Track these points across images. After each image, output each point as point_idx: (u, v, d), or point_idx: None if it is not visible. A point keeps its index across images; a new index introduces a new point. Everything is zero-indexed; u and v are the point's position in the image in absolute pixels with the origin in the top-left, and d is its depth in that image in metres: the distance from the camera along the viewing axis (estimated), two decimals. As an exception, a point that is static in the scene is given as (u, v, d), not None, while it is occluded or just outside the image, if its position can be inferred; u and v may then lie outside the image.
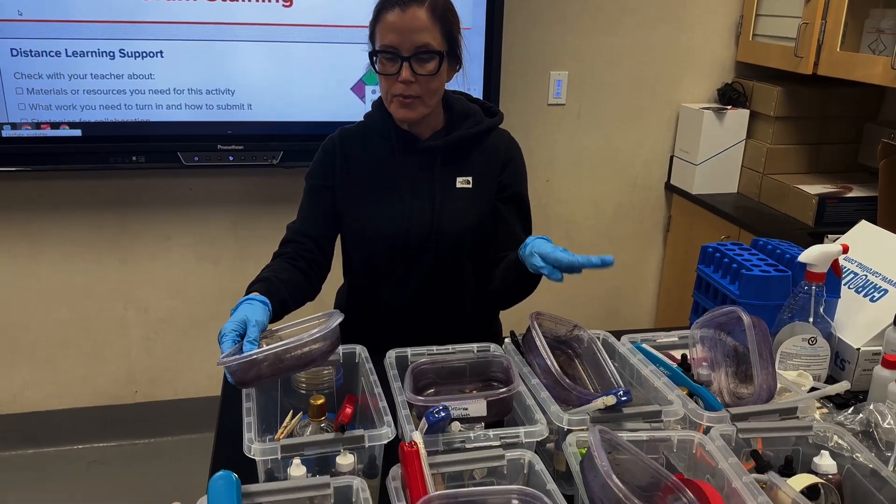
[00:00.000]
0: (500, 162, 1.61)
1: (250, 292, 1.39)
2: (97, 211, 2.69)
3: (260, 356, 1.17)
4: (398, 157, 1.58)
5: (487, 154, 1.61)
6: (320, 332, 1.20)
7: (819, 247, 1.48)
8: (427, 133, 1.59)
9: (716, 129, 2.90)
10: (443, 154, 1.58)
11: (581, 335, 1.44)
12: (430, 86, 1.47)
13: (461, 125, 1.59)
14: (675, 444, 1.13)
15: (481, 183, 1.59)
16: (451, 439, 1.10)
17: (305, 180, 1.63)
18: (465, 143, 1.59)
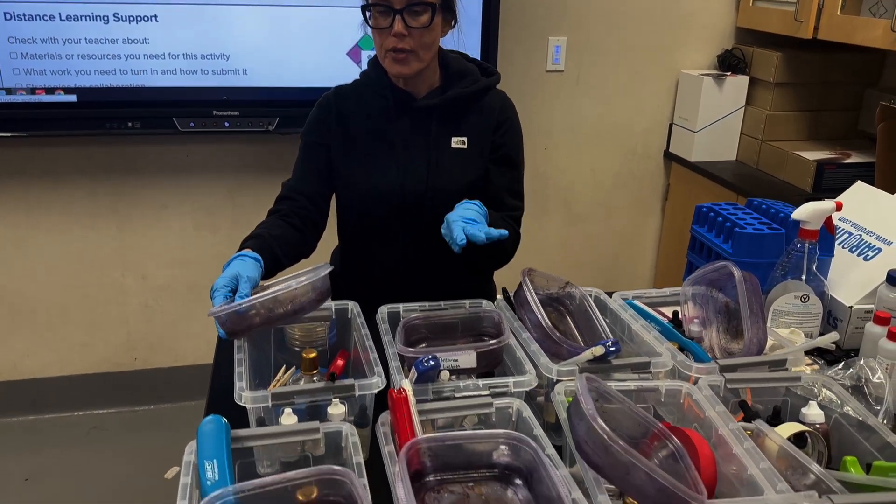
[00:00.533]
0: (495, 122, 1.60)
1: (243, 249, 1.39)
2: (94, 178, 2.69)
3: (249, 305, 1.18)
4: (393, 116, 1.58)
5: (483, 114, 1.60)
6: (308, 279, 1.21)
7: (812, 204, 1.48)
8: (423, 91, 1.58)
9: (715, 95, 2.88)
10: (438, 113, 1.57)
11: (573, 292, 1.44)
12: (424, 39, 1.46)
13: (457, 84, 1.58)
14: (662, 394, 1.13)
15: (476, 143, 1.59)
16: (440, 388, 1.11)
17: (301, 137, 1.62)
18: (461, 102, 1.58)
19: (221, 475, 0.90)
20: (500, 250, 1.53)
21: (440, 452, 0.97)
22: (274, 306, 1.19)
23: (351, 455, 0.96)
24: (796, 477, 0.99)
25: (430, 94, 1.58)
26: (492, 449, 0.98)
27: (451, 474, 0.97)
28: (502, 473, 0.98)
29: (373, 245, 1.64)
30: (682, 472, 0.98)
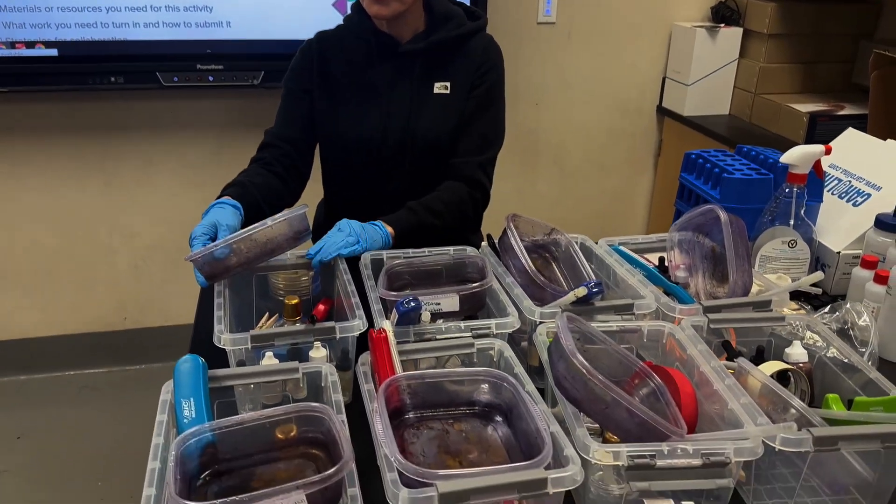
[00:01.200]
0: (477, 65, 1.57)
1: (222, 196, 1.37)
2: (79, 134, 2.65)
3: (225, 246, 1.16)
4: (376, 61, 1.55)
5: (468, 58, 1.57)
6: (285, 217, 1.19)
7: (801, 147, 1.46)
8: (407, 35, 1.55)
9: (708, 48, 2.83)
10: (422, 58, 1.54)
11: (559, 239, 1.43)
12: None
13: (442, 27, 1.55)
14: (645, 335, 1.13)
15: (459, 88, 1.56)
16: (422, 330, 1.10)
17: (283, 85, 1.59)
18: (445, 46, 1.55)
19: (199, 413, 0.90)
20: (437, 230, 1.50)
21: (420, 390, 0.96)
22: (251, 247, 1.18)
23: (330, 394, 0.96)
24: (778, 413, 0.99)
25: (415, 39, 1.55)
26: (472, 387, 0.98)
27: (430, 412, 0.96)
28: (482, 411, 0.97)
29: (356, 194, 1.62)
30: (663, 409, 0.98)
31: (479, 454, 0.91)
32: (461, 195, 1.55)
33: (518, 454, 0.91)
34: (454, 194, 1.54)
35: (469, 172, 1.55)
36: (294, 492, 0.74)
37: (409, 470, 0.78)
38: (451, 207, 1.53)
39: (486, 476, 0.78)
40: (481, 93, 1.57)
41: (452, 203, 1.53)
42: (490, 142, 1.60)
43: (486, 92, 1.58)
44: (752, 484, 0.98)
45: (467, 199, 1.55)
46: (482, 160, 1.57)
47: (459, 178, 1.56)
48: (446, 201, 1.53)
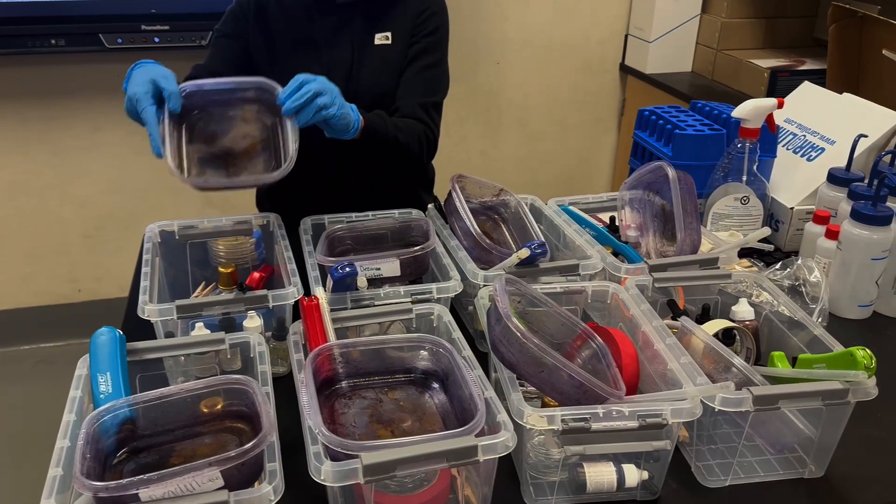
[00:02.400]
0: (418, 12, 1.50)
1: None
2: (21, 101, 2.54)
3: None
4: (315, 15, 1.48)
5: (407, 6, 1.51)
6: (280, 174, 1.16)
7: (752, 101, 1.43)
8: None
9: (670, 3, 2.78)
10: (361, 9, 1.48)
11: (508, 200, 1.39)
12: None
13: None
14: (589, 296, 1.10)
15: (400, 39, 1.50)
16: (359, 297, 1.06)
17: (214, 31, 1.52)
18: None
19: (116, 388, 0.85)
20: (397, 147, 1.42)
21: (352, 359, 0.93)
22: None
23: (256, 364, 0.92)
24: (721, 373, 0.97)
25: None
26: (407, 353, 0.94)
27: (365, 380, 0.93)
28: (419, 378, 0.94)
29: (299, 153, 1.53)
30: (604, 371, 0.96)
31: (412, 423, 0.88)
32: (416, 124, 1.48)
33: (453, 421, 0.88)
34: (409, 121, 1.47)
35: (412, 112, 1.48)
36: (207, 469, 0.70)
37: (333, 442, 0.75)
38: (411, 128, 1.46)
39: (413, 446, 0.75)
40: (422, 39, 1.51)
41: (410, 126, 1.47)
42: (434, 88, 1.54)
43: (427, 38, 1.52)
44: (694, 444, 0.96)
45: (420, 130, 1.48)
46: (425, 102, 1.50)
47: (405, 117, 1.49)
48: (406, 123, 1.46)
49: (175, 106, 1.17)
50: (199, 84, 1.22)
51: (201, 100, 1.23)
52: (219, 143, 1.25)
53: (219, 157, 1.27)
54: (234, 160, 1.27)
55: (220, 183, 1.20)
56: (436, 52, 1.54)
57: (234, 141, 1.26)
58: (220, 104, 1.25)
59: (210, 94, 1.23)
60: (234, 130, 1.27)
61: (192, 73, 1.47)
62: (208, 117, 1.25)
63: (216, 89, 1.24)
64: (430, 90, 1.53)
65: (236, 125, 1.27)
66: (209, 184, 1.19)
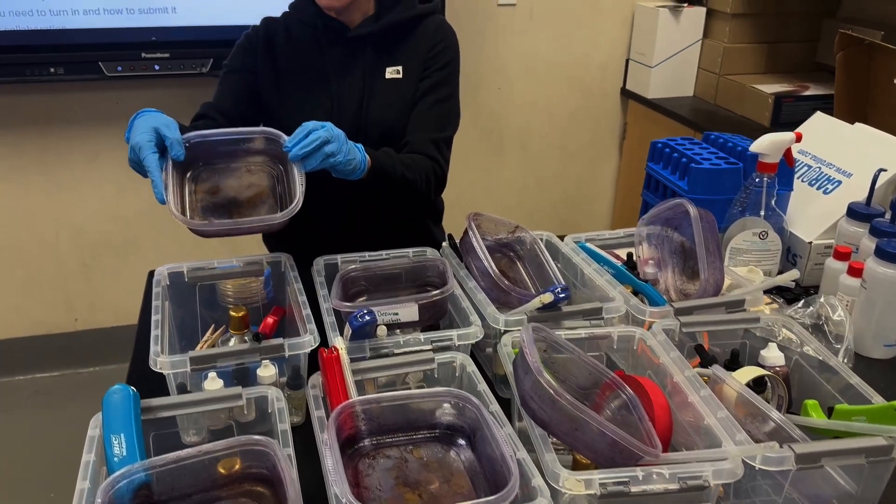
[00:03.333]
0: (430, 46, 1.48)
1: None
2: (18, 129, 2.50)
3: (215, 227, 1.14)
4: (325, 48, 1.46)
5: (419, 41, 1.49)
6: (283, 215, 1.14)
7: (770, 135, 1.40)
8: (356, 20, 1.46)
9: (672, 28, 2.78)
10: (372, 43, 1.46)
11: (523, 237, 1.36)
12: None
13: (392, 10, 1.47)
14: (615, 341, 1.07)
15: (411, 73, 1.47)
16: (378, 345, 1.03)
17: (223, 66, 1.49)
18: (396, 29, 1.47)
19: (130, 450, 0.81)
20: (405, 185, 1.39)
21: (376, 415, 0.89)
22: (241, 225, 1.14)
23: (276, 422, 0.88)
24: (756, 424, 0.94)
25: (364, 23, 1.46)
26: (432, 408, 0.91)
27: (388, 437, 0.89)
28: (444, 434, 0.90)
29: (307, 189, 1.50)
30: (636, 424, 0.92)
31: (440, 485, 0.84)
32: (424, 160, 1.46)
33: (482, 482, 0.84)
34: (418, 157, 1.45)
35: (422, 148, 1.46)
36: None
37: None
38: (418, 164, 1.43)
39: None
40: (434, 73, 1.49)
41: (417, 162, 1.44)
42: (444, 123, 1.51)
43: (438, 72, 1.50)
44: (731, 499, 0.93)
45: (428, 166, 1.46)
46: (435, 137, 1.48)
47: (414, 153, 1.47)
48: (414, 159, 1.43)
49: (178, 154, 1.15)
50: (204, 135, 1.19)
51: (206, 151, 1.20)
52: (223, 193, 1.23)
53: (223, 207, 1.24)
54: (238, 209, 1.24)
55: (225, 226, 1.16)
56: (447, 86, 1.51)
57: (238, 190, 1.24)
58: (224, 155, 1.23)
59: (215, 145, 1.21)
60: (238, 180, 1.25)
61: (201, 112, 1.45)
62: (212, 168, 1.22)
63: (221, 140, 1.21)
64: (441, 125, 1.50)
65: (241, 175, 1.25)
66: (213, 227, 1.16)
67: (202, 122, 1.42)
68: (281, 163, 1.25)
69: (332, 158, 1.20)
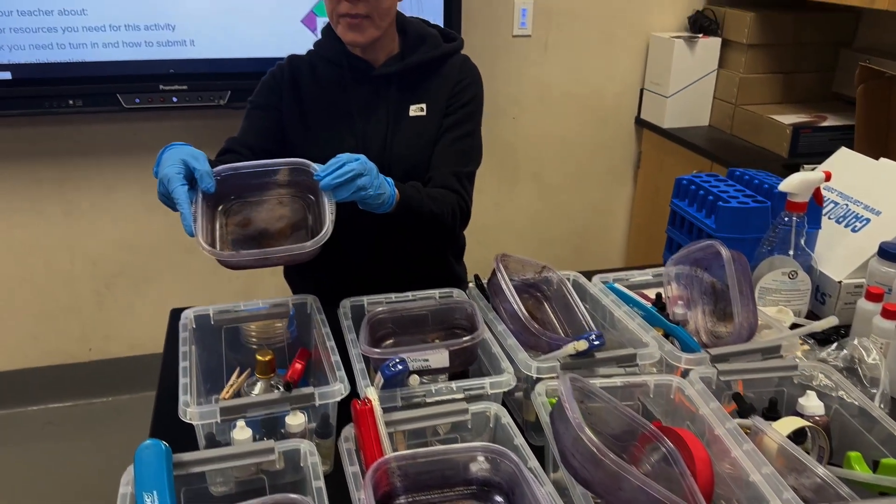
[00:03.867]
0: (453, 83, 1.48)
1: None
2: (36, 160, 2.51)
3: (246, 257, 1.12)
4: (350, 86, 1.46)
5: (443, 79, 1.49)
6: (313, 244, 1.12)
7: (800, 174, 1.39)
8: (381, 59, 1.46)
9: (687, 58, 2.78)
10: (397, 81, 1.46)
11: (550, 277, 1.34)
12: (381, 4, 1.34)
13: (417, 50, 1.46)
14: (651, 390, 1.04)
15: (435, 110, 1.47)
16: (410, 394, 1.01)
17: (248, 102, 1.50)
18: (420, 68, 1.47)
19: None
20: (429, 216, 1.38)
21: (411, 471, 0.87)
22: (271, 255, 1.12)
23: (310, 478, 0.86)
24: (798, 478, 0.92)
25: (389, 62, 1.46)
26: (469, 462, 0.88)
27: (424, 494, 0.87)
28: (480, 490, 0.88)
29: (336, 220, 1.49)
30: (677, 479, 0.90)
31: (479, 544, 0.82)
32: (449, 194, 1.44)
33: (522, 541, 0.82)
34: (443, 192, 1.43)
35: (446, 182, 1.45)
36: None
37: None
38: (444, 199, 1.42)
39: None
40: (457, 110, 1.49)
41: (443, 196, 1.42)
42: (467, 158, 1.51)
43: (461, 109, 1.50)
44: (774, 557, 0.90)
45: (454, 200, 1.45)
46: (458, 172, 1.47)
47: (438, 187, 1.46)
48: (441, 193, 1.42)
49: (208, 186, 1.14)
50: (235, 167, 1.19)
51: (237, 183, 1.20)
52: (254, 226, 1.22)
53: (253, 239, 1.23)
54: (268, 241, 1.23)
55: (253, 256, 1.14)
56: (470, 122, 1.51)
57: (269, 222, 1.23)
58: (255, 187, 1.22)
59: (245, 178, 1.20)
60: (269, 212, 1.24)
61: (226, 147, 1.44)
62: (243, 201, 1.21)
63: (251, 172, 1.21)
64: (464, 160, 1.50)
65: (272, 207, 1.24)
66: (241, 258, 1.14)
67: (228, 157, 1.42)
68: (312, 193, 1.24)
69: (363, 192, 1.19)
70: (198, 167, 1.14)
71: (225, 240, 1.20)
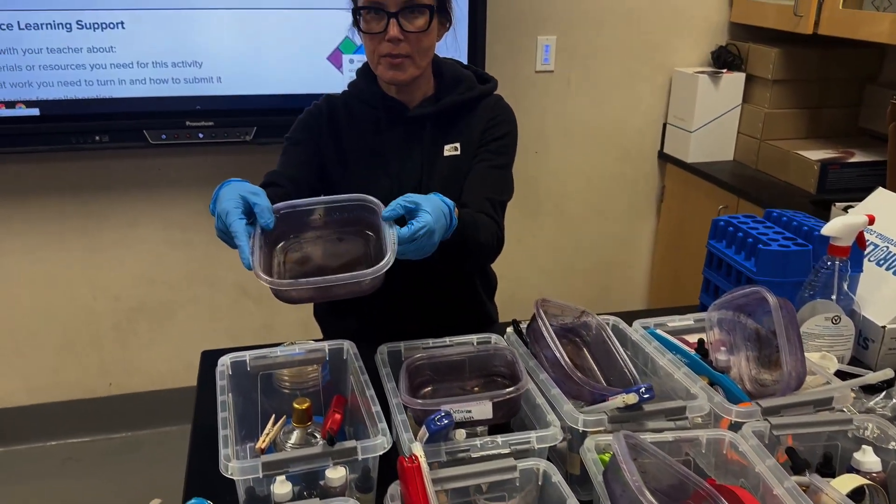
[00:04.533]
0: (486, 121, 1.48)
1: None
2: (60, 195, 2.52)
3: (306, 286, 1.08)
4: (385, 127, 1.46)
5: (476, 118, 1.49)
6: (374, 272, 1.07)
7: (842, 218, 1.36)
8: (416, 100, 1.46)
9: (711, 94, 2.77)
10: (432, 122, 1.45)
11: (589, 321, 1.32)
12: (421, 44, 1.34)
13: (452, 91, 1.46)
14: (703, 445, 1.01)
15: (469, 148, 1.47)
16: (455, 448, 0.98)
17: (286, 139, 1.48)
18: (455, 109, 1.46)
19: (209, 574, 0.77)
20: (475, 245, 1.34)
21: (462, 532, 0.84)
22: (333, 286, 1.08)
23: (358, 541, 0.83)
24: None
25: (423, 103, 1.46)
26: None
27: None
28: (533, 552, 0.85)
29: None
30: (736, 542, 0.87)
31: None
32: (487, 219, 1.40)
33: None
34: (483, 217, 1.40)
35: (482, 206, 1.42)
36: None
37: None
38: (486, 225, 1.39)
39: None
40: (490, 143, 1.48)
41: (485, 223, 1.39)
42: (501, 188, 1.49)
43: (494, 142, 1.49)
44: None
45: (494, 227, 1.42)
46: (493, 199, 1.45)
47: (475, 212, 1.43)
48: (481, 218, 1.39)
49: (267, 222, 1.11)
50: (293, 204, 1.17)
51: (296, 221, 1.18)
52: (312, 263, 1.19)
53: (311, 276, 1.20)
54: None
55: (312, 284, 1.09)
56: (504, 156, 1.50)
57: (327, 259, 1.20)
58: (312, 225, 1.20)
59: (303, 215, 1.18)
60: (327, 249, 1.21)
61: (268, 180, 1.42)
62: (301, 238, 1.19)
63: (309, 209, 1.19)
64: (498, 189, 1.48)
65: (330, 244, 1.21)
66: (300, 286, 1.09)
67: (271, 190, 1.39)
68: (371, 230, 1.21)
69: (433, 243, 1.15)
70: (258, 202, 1.12)
71: (283, 277, 1.18)
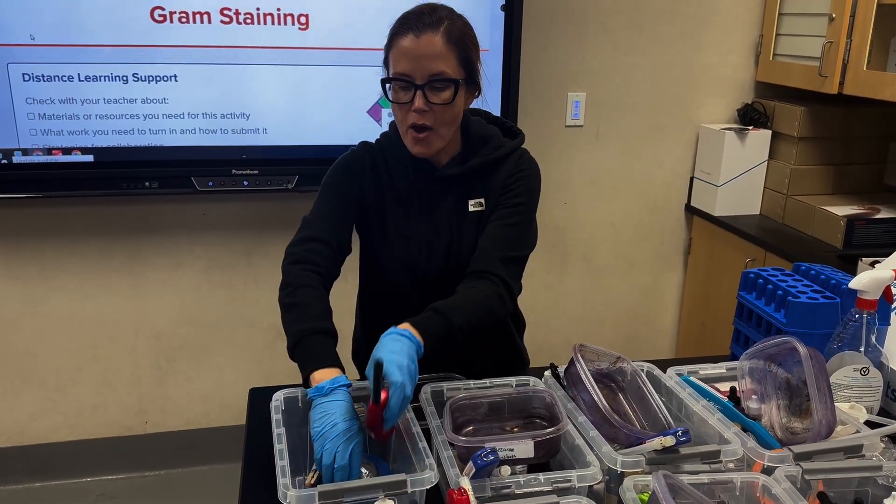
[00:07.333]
0: (508, 174, 1.52)
1: (319, 353, 1.30)
2: (108, 237, 2.63)
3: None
4: (414, 184, 1.51)
5: (500, 172, 1.53)
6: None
7: (870, 273, 1.41)
8: (443, 160, 1.51)
9: (737, 149, 2.84)
10: (459, 180, 1.52)
11: (624, 367, 1.37)
12: (445, 116, 1.40)
13: (479, 151, 1.52)
14: (737, 488, 1.06)
15: (492, 202, 1.52)
16: (499, 484, 1.03)
17: (326, 179, 1.51)
18: (481, 168, 1.53)
19: None
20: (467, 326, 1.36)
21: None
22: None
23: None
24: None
25: (451, 163, 1.51)
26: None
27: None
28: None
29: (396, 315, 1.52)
30: (772, 581, 0.90)
31: None
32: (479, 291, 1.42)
33: None
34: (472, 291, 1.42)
35: (486, 265, 1.44)
36: None
37: None
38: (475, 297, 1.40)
39: None
40: (510, 199, 1.51)
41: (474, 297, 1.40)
42: (517, 242, 1.50)
43: (514, 198, 1.51)
44: None
45: (489, 292, 1.42)
46: (505, 256, 1.46)
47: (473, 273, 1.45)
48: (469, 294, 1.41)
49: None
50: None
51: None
52: None
53: None
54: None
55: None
56: (518, 214, 1.51)
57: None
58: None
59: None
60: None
61: (303, 225, 1.49)
62: None
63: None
64: (511, 246, 1.48)
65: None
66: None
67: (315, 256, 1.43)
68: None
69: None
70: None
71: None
